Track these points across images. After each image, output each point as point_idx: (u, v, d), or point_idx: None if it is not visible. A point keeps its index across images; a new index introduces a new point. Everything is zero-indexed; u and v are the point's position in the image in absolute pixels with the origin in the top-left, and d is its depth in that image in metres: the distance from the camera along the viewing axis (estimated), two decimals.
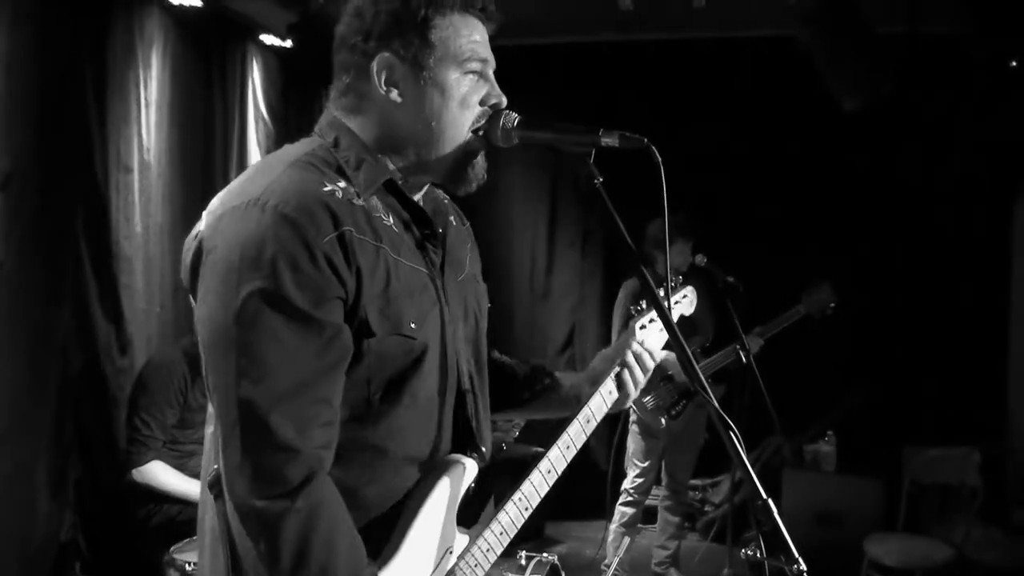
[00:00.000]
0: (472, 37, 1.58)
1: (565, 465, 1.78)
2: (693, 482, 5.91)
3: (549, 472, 1.75)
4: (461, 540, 1.64)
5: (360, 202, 1.51)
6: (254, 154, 5.37)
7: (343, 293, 1.43)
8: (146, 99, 4.34)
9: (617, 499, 5.07)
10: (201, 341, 1.46)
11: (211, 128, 4.97)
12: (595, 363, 1.97)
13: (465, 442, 1.68)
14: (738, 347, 4.47)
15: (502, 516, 1.68)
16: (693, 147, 5.03)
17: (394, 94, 1.56)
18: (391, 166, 1.61)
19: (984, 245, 5.83)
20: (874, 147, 5.74)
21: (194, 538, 3.37)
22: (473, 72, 1.59)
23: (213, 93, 4.98)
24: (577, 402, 1.89)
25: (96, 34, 4.01)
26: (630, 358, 1.91)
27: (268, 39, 5.28)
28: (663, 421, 4.82)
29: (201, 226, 1.49)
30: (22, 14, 3.52)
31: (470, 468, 1.65)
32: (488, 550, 1.66)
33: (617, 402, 1.91)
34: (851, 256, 5.86)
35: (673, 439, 5.04)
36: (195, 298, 1.49)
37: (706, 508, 6.31)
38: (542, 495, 1.74)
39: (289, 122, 5.75)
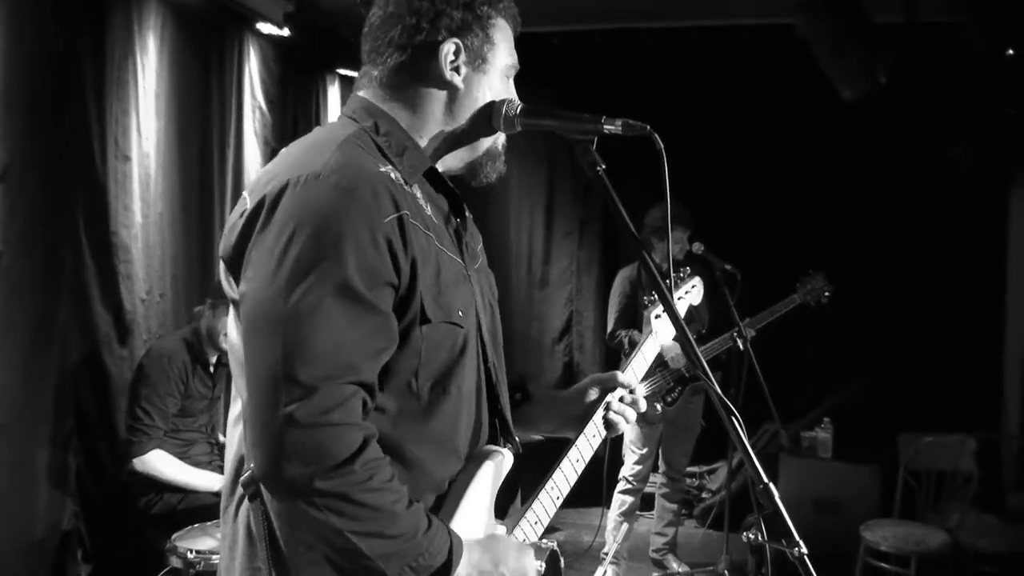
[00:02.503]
0: (511, 42, 1.67)
1: (591, 454, 1.81)
2: (690, 469, 5.95)
3: (578, 461, 1.78)
4: (498, 532, 1.64)
5: (408, 189, 1.51)
6: (251, 142, 5.37)
7: (396, 280, 1.41)
8: (144, 88, 4.33)
9: (614, 486, 5.10)
10: (244, 318, 1.41)
11: (208, 117, 4.96)
12: (583, 384, 1.95)
13: (500, 432, 1.69)
14: (735, 334, 4.49)
15: (536, 506, 1.70)
16: (689, 135, 5.03)
17: (457, 79, 1.59)
18: (430, 152, 1.62)
19: (980, 234, 5.86)
20: (871, 136, 5.75)
21: (195, 526, 3.39)
22: (509, 73, 1.67)
23: (211, 82, 4.97)
24: (553, 419, 1.92)
25: (94, 22, 4.00)
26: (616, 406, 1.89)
27: (265, 28, 5.26)
28: (659, 408, 4.85)
29: (248, 204, 1.45)
30: (20, 3, 3.51)
31: (508, 458, 1.65)
32: (524, 540, 1.67)
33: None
34: (847, 244, 5.87)
35: (670, 426, 5.06)
36: (236, 278, 1.46)
37: (703, 495, 6.35)
38: (571, 483, 1.77)
39: (286, 111, 5.75)
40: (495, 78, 1.63)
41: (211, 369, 3.96)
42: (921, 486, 4.75)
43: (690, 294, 2.30)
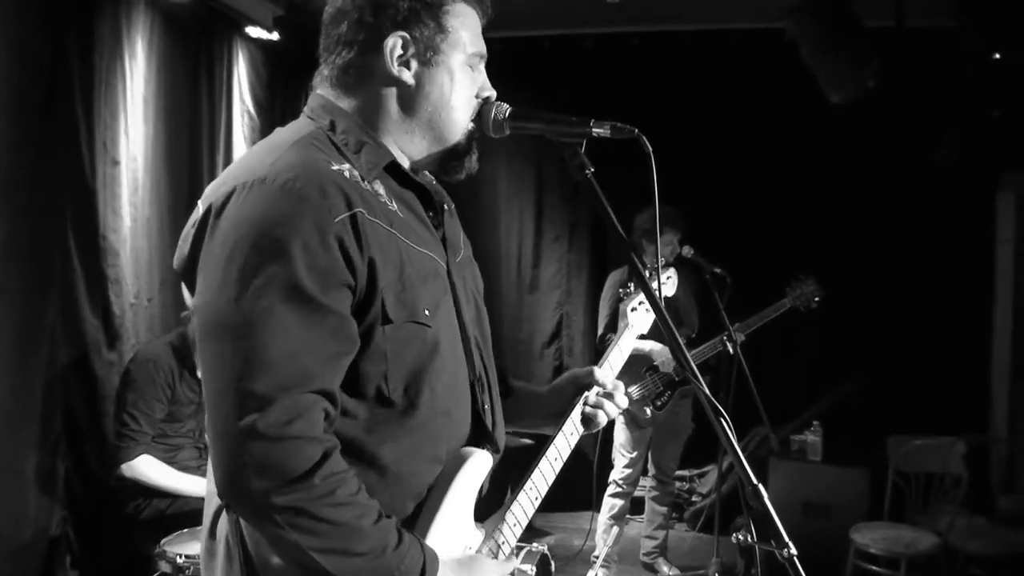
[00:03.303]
0: (475, 29, 1.60)
1: (569, 451, 1.77)
2: (680, 473, 5.95)
3: (556, 460, 1.75)
4: (477, 536, 1.60)
5: (366, 185, 1.46)
6: (240, 147, 5.36)
7: (351, 280, 1.36)
8: (132, 91, 4.32)
9: (604, 490, 5.09)
10: (198, 329, 1.38)
11: (197, 121, 4.96)
12: (561, 381, 1.93)
13: (479, 434, 1.63)
14: (725, 338, 4.50)
15: (515, 508, 1.66)
16: (680, 139, 5.03)
17: (406, 74, 1.53)
18: (391, 148, 1.57)
19: (968, 237, 5.88)
20: (860, 139, 5.77)
21: (184, 531, 3.37)
22: (473, 62, 1.60)
23: (199, 86, 4.96)
24: (533, 414, 1.89)
25: (82, 26, 3.99)
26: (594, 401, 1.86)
27: (254, 32, 5.26)
28: (648, 411, 4.85)
29: (199, 212, 1.42)
30: (7, 6, 3.50)
31: (486, 461, 1.60)
32: (503, 543, 1.64)
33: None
34: (837, 248, 5.88)
35: (659, 429, 5.07)
36: (191, 289, 1.42)
37: (693, 498, 6.35)
38: (550, 483, 1.73)
39: (275, 115, 5.73)
40: (455, 69, 1.56)
41: (198, 374, 3.94)
42: (911, 489, 4.76)
43: (664, 286, 2.31)
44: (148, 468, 3.72)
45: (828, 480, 5.18)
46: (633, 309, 2.03)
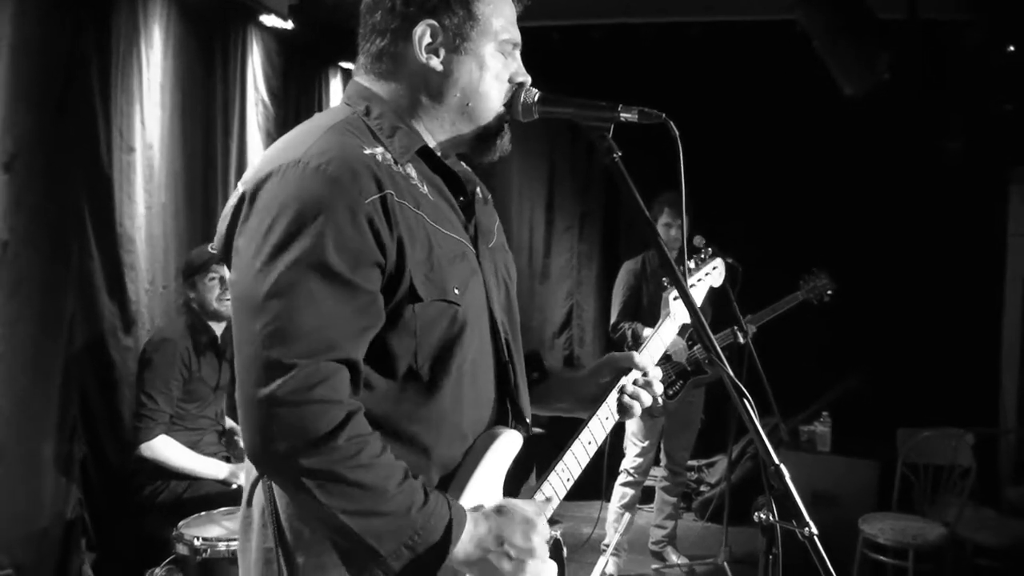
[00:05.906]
0: (509, 15, 1.63)
1: (604, 436, 1.80)
2: (689, 463, 5.97)
3: (590, 443, 1.77)
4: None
5: (398, 168, 1.51)
6: (254, 135, 5.38)
7: (382, 259, 1.41)
8: (148, 79, 4.34)
9: (615, 478, 5.12)
10: (232, 303, 1.43)
11: (212, 109, 4.97)
12: (599, 364, 1.94)
13: (507, 414, 1.67)
14: (736, 329, 4.51)
15: (546, 487, 1.68)
16: (691, 131, 5.03)
17: (434, 62, 1.57)
18: (424, 134, 1.61)
19: (980, 230, 5.88)
20: (873, 132, 5.76)
21: (201, 514, 3.39)
22: (506, 49, 1.63)
23: (214, 74, 4.97)
24: (568, 399, 1.90)
25: (99, 15, 4.01)
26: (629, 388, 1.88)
27: (269, 20, 5.26)
28: (660, 400, 4.86)
29: (237, 194, 1.48)
30: None
31: (516, 441, 1.63)
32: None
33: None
34: (848, 240, 5.89)
35: (672, 419, 5.08)
36: (230, 267, 1.48)
37: (702, 488, 6.37)
38: (583, 465, 1.75)
39: (288, 103, 5.75)
40: (486, 57, 1.59)
41: (219, 343, 3.98)
42: (919, 480, 4.78)
43: (710, 276, 2.26)
44: (166, 449, 3.75)
45: (837, 471, 5.19)
46: (675, 298, 2.04)
